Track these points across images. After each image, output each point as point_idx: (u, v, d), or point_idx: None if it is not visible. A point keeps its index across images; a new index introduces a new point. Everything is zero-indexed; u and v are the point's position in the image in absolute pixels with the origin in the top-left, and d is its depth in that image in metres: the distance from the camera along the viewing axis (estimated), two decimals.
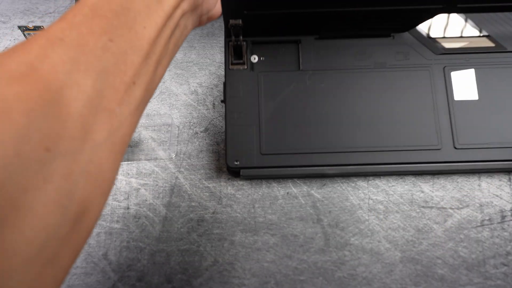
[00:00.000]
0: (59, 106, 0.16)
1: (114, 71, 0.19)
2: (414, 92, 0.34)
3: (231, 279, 0.30)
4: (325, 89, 0.35)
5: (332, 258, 0.30)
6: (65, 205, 0.16)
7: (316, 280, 0.29)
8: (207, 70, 0.47)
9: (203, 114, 0.42)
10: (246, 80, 0.35)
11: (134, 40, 0.20)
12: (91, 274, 0.31)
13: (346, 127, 0.33)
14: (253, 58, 0.36)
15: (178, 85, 0.45)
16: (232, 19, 0.33)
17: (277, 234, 0.32)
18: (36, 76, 0.16)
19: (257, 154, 0.33)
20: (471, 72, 0.35)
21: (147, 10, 0.21)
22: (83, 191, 0.17)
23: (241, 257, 0.31)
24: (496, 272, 0.29)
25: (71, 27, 0.18)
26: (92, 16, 0.19)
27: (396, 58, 0.36)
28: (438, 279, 0.29)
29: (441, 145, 0.32)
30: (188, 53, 0.49)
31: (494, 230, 0.31)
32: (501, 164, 0.32)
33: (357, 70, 0.35)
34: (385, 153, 0.32)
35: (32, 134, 0.15)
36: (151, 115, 0.42)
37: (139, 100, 0.21)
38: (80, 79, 0.17)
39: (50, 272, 0.16)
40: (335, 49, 0.36)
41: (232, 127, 0.33)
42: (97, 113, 0.18)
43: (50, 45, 0.17)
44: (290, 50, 0.37)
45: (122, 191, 0.35)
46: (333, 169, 0.32)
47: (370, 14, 0.34)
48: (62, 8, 0.57)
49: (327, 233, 0.32)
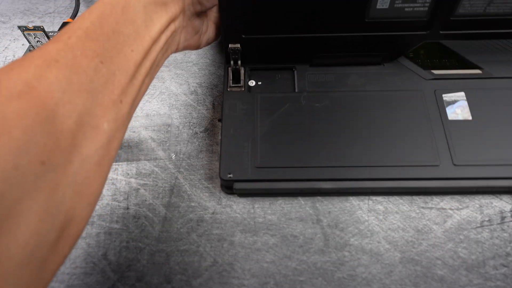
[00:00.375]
0: (53, 123, 0.17)
1: (103, 90, 0.20)
2: (407, 111, 0.35)
3: (230, 280, 0.30)
4: (320, 108, 0.35)
5: (331, 258, 0.30)
6: (54, 213, 0.17)
7: (316, 280, 0.29)
8: (207, 70, 0.47)
9: (203, 114, 0.42)
10: (243, 99, 0.36)
11: (123, 62, 0.22)
12: (90, 274, 0.31)
13: (342, 143, 0.33)
14: (251, 83, 0.38)
15: (178, 85, 0.45)
16: (231, 43, 0.36)
17: (276, 234, 0.32)
18: (34, 94, 0.17)
19: (251, 167, 0.32)
20: (462, 95, 0.35)
21: (135, 34, 0.23)
22: (70, 202, 0.18)
23: (240, 258, 0.31)
24: (496, 273, 0.29)
25: (66, 48, 0.19)
26: (86, 38, 0.20)
27: (388, 83, 0.37)
28: (437, 280, 0.29)
29: (439, 162, 0.32)
30: (188, 53, 0.49)
31: (493, 231, 0.31)
32: (503, 182, 0.31)
33: (352, 92, 0.36)
34: (382, 169, 0.32)
35: (29, 149, 0.16)
36: (151, 115, 0.42)
37: (125, 116, 0.22)
38: (72, 98, 0.18)
39: (40, 275, 0.17)
40: (329, 75, 0.38)
41: (228, 141, 0.34)
42: (86, 129, 0.19)
43: (47, 66, 0.18)
44: (285, 75, 0.39)
45: (121, 191, 0.35)
46: (329, 184, 0.32)
47: (357, 40, 0.36)
48: (62, 8, 0.57)
49: (326, 233, 0.32)
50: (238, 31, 0.35)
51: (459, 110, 0.34)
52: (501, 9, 0.33)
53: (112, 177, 0.36)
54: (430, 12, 0.34)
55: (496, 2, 0.33)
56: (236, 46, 0.36)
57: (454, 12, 0.34)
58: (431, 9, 0.34)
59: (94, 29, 0.21)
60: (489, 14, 0.34)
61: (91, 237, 0.33)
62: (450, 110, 0.34)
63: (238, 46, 0.36)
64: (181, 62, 0.48)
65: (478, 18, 0.34)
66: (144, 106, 0.43)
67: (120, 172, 0.37)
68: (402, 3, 0.33)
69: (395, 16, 0.34)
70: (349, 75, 0.38)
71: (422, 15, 0.34)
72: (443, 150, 0.33)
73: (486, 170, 0.31)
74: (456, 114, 0.34)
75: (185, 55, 0.48)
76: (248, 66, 0.39)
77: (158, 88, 0.45)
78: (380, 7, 0.33)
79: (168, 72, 0.46)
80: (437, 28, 0.35)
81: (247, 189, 0.33)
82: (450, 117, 0.34)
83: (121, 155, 0.38)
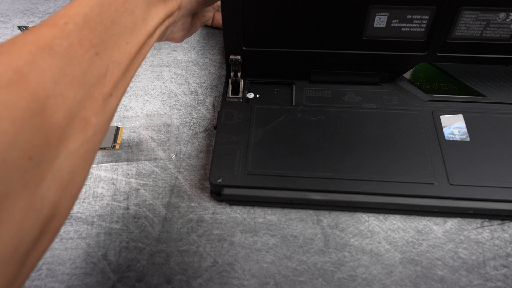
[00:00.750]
0: (43, 116, 0.16)
1: (95, 83, 0.19)
2: (403, 129, 0.35)
3: (230, 280, 0.30)
4: (315, 122, 0.35)
5: (331, 259, 0.30)
6: (38, 209, 0.17)
7: (316, 281, 0.29)
8: (207, 70, 0.47)
9: (203, 114, 0.42)
10: (240, 109, 0.37)
11: (117, 55, 0.21)
12: (90, 275, 0.30)
13: (336, 156, 0.33)
14: (250, 95, 0.39)
15: (178, 85, 0.45)
16: (232, 55, 0.37)
17: (276, 234, 0.32)
18: (24, 83, 0.16)
19: (242, 174, 0.32)
20: (460, 117, 0.35)
21: (132, 26, 0.22)
22: (55, 196, 0.18)
23: (240, 258, 0.31)
24: (496, 274, 0.29)
25: (62, 36, 0.18)
26: (83, 26, 0.19)
27: (385, 102, 0.37)
28: (438, 281, 0.29)
29: (434, 180, 0.31)
30: (188, 53, 0.49)
31: (494, 232, 0.31)
32: (499, 205, 0.30)
33: (348, 108, 0.36)
34: (375, 183, 0.31)
35: (18, 143, 0.15)
36: (151, 115, 0.42)
37: (113, 109, 0.21)
38: (64, 90, 0.18)
39: (21, 271, 0.17)
40: (327, 91, 0.38)
41: (220, 147, 0.34)
42: (75, 122, 0.18)
43: (40, 53, 0.17)
44: (284, 90, 0.39)
45: (121, 191, 0.35)
46: (319, 195, 0.31)
47: (355, 58, 0.37)
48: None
49: (326, 234, 0.32)
50: (239, 43, 0.36)
51: (457, 131, 0.34)
52: (497, 33, 0.34)
53: (112, 177, 0.36)
54: (427, 34, 0.34)
55: (493, 27, 0.33)
56: (237, 58, 0.37)
57: (451, 34, 0.34)
58: (428, 30, 0.34)
59: (93, 16, 0.20)
60: (486, 38, 0.34)
61: (91, 237, 0.33)
62: (448, 130, 0.34)
63: (239, 58, 0.37)
64: (181, 62, 0.48)
65: (475, 41, 0.35)
66: (144, 106, 0.43)
67: (120, 172, 0.37)
68: (399, 22, 0.33)
69: (392, 35, 0.34)
70: (346, 92, 0.38)
71: (419, 36, 0.34)
72: (439, 169, 0.32)
73: (483, 192, 0.30)
74: (453, 135, 0.33)
75: (185, 55, 0.48)
76: (249, 79, 0.39)
77: (158, 88, 0.45)
78: (378, 25, 0.34)
79: (168, 72, 0.46)
80: (434, 50, 0.35)
81: (236, 195, 0.32)
82: (447, 137, 0.34)
83: (121, 155, 0.38)
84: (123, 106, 0.43)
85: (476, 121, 0.35)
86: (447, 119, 0.35)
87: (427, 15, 0.33)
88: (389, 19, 0.33)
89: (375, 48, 0.35)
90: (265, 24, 0.35)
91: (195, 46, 0.50)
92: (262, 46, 0.37)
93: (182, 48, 0.50)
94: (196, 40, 0.51)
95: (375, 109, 0.36)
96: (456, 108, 0.36)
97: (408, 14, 0.33)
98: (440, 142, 0.33)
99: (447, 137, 0.34)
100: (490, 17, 0.33)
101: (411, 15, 0.33)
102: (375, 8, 0.33)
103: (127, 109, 0.42)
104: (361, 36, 0.35)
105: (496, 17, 0.33)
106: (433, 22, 0.33)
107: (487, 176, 0.31)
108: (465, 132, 0.34)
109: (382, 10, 0.33)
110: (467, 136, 0.34)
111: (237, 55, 0.37)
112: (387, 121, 0.35)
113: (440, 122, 0.35)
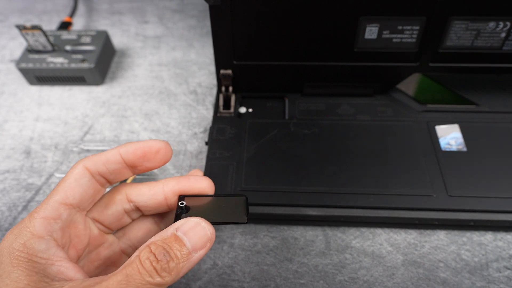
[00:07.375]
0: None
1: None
2: (398, 140, 0.34)
3: (230, 283, 0.29)
4: (309, 135, 0.35)
5: (333, 261, 0.30)
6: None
7: (317, 283, 0.29)
8: (206, 69, 0.46)
9: (203, 114, 0.41)
10: (232, 124, 0.36)
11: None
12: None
13: (331, 170, 0.32)
14: (242, 109, 0.38)
15: (177, 85, 0.44)
16: (223, 69, 0.36)
17: (277, 236, 0.32)
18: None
19: (235, 190, 0.31)
20: (456, 127, 0.34)
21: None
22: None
23: (240, 260, 0.31)
24: (499, 276, 0.29)
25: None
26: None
27: (379, 114, 0.37)
28: (440, 283, 0.29)
29: (433, 192, 0.30)
30: (187, 52, 0.48)
31: (497, 233, 0.31)
32: (500, 216, 0.29)
33: (342, 121, 0.36)
34: (372, 197, 0.30)
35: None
36: (150, 115, 0.41)
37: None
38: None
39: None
40: (320, 104, 0.38)
41: (212, 163, 0.33)
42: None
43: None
44: (276, 104, 0.38)
45: None
46: (315, 211, 0.30)
47: (347, 70, 0.36)
48: (60, 7, 0.57)
49: (328, 235, 0.32)
50: (229, 57, 0.36)
51: (453, 141, 0.33)
52: (488, 43, 0.34)
53: None
54: (418, 44, 0.34)
55: (483, 36, 0.33)
56: (227, 72, 0.37)
57: (442, 44, 0.34)
58: (419, 41, 0.34)
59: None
60: (478, 47, 0.34)
61: None
62: (444, 141, 0.33)
63: (229, 72, 0.37)
64: (180, 61, 0.47)
65: (467, 51, 0.34)
66: (143, 106, 0.42)
67: None
68: (390, 33, 0.33)
69: (383, 46, 0.34)
70: (340, 104, 0.37)
71: (410, 46, 0.34)
72: (437, 181, 0.31)
73: (483, 202, 0.30)
74: (450, 145, 0.33)
75: (184, 55, 0.48)
76: (240, 93, 0.39)
77: (157, 87, 0.44)
78: (369, 37, 0.33)
79: (167, 71, 0.46)
80: (426, 60, 0.35)
81: None
82: (443, 147, 0.33)
83: None
84: (122, 106, 0.42)
85: (472, 131, 0.34)
86: (443, 129, 0.34)
87: (417, 25, 0.33)
88: (380, 30, 0.33)
89: (367, 59, 0.35)
90: (256, 37, 0.34)
91: (194, 45, 0.50)
92: (253, 59, 0.36)
93: (182, 47, 0.49)
94: (196, 39, 0.50)
95: (370, 121, 0.36)
96: (451, 118, 0.35)
97: (398, 25, 0.33)
98: (436, 153, 0.33)
99: (443, 147, 0.33)
100: (480, 27, 0.33)
101: (401, 25, 0.33)
102: (366, 20, 0.32)
103: (125, 109, 0.42)
104: (352, 47, 0.34)
105: (486, 26, 0.33)
106: (424, 32, 0.33)
107: (486, 186, 0.31)
108: (462, 142, 0.33)
109: (372, 21, 0.32)
110: (463, 146, 0.33)
111: (227, 69, 0.36)
112: (382, 133, 0.35)
113: (436, 132, 0.34)
